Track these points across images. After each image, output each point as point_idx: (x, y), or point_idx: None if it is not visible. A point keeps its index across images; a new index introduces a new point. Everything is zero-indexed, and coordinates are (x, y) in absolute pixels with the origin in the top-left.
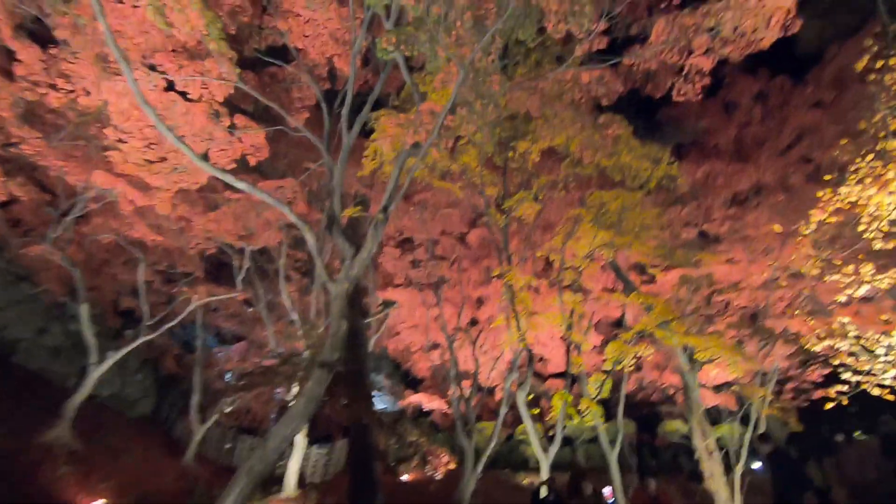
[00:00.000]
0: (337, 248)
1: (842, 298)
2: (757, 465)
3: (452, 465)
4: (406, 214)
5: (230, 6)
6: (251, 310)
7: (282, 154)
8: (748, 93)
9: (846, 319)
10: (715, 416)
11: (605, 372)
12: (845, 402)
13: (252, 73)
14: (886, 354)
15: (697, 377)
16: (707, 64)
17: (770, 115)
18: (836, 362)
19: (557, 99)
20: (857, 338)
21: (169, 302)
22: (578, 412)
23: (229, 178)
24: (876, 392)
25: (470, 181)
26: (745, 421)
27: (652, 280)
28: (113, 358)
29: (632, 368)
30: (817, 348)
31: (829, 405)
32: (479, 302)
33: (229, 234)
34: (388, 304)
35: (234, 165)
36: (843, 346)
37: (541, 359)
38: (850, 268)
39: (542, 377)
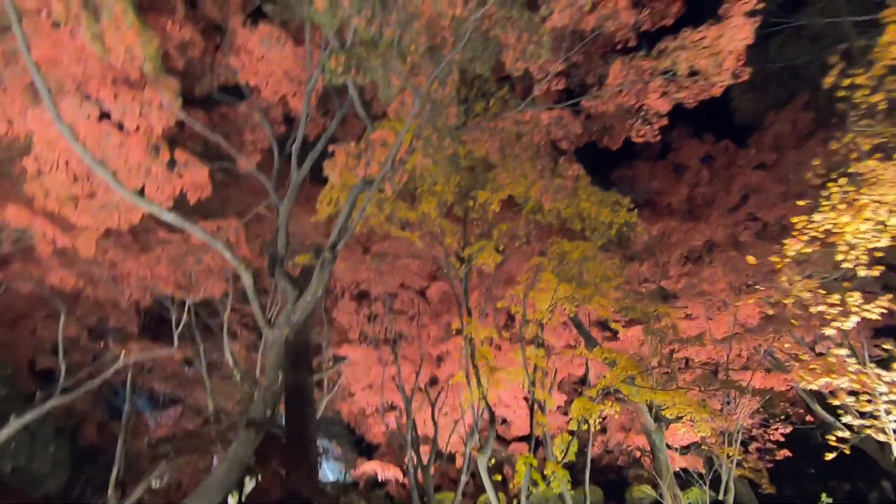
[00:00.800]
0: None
1: (830, 331)
2: None
3: None
4: (363, 265)
5: (180, 40)
6: (190, 369)
7: (231, 200)
8: (695, 155)
9: (844, 352)
10: (684, 480)
11: (571, 432)
12: (847, 450)
13: (203, 111)
14: (889, 392)
15: (664, 437)
16: (664, 106)
17: (717, 175)
18: (836, 403)
19: (517, 141)
20: (857, 373)
21: (95, 360)
22: (544, 477)
23: (157, 210)
24: (882, 438)
25: (429, 231)
26: (714, 485)
27: (614, 336)
28: (12, 426)
29: (597, 429)
30: (814, 386)
31: (831, 455)
32: (440, 360)
33: (166, 283)
34: (339, 359)
35: (170, 203)
36: (843, 383)
37: (503, 421)
38: (836, 297)
39: (505, 441)
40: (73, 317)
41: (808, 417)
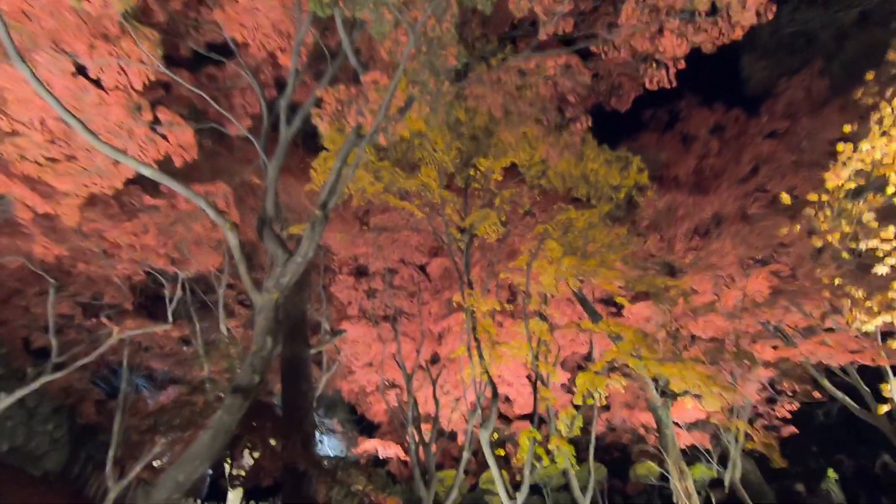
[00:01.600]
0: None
1: (883, 270)
2: None
3: None
4: (361, 239)
5: None
6: (189, 348)
7: (222, 168)
8: (705, 125)
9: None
10: (690, 457)
11: (576, 407)
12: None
13: (188, 73)
14: None
15: (671, 413)
16: (681, 48)
17: (727, 146)
18: None
19: (521, 96)
20: None
21: (92, 339)
22: (548, 453)
23: (135, 164)
24: None
25: (429, 202)
26: (721, 462)
27: (619, 313)
28: (4, 402)
29: (602, 405)
30: (870, 327)
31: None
32: (441, 337)
33: (157, 256)
34: (336, 332)
35: (154, 166)
36: None
37: (506, 399)
38: (890, 230)
39: (507, 419)
40: (66, 294)
41: (815, 394)
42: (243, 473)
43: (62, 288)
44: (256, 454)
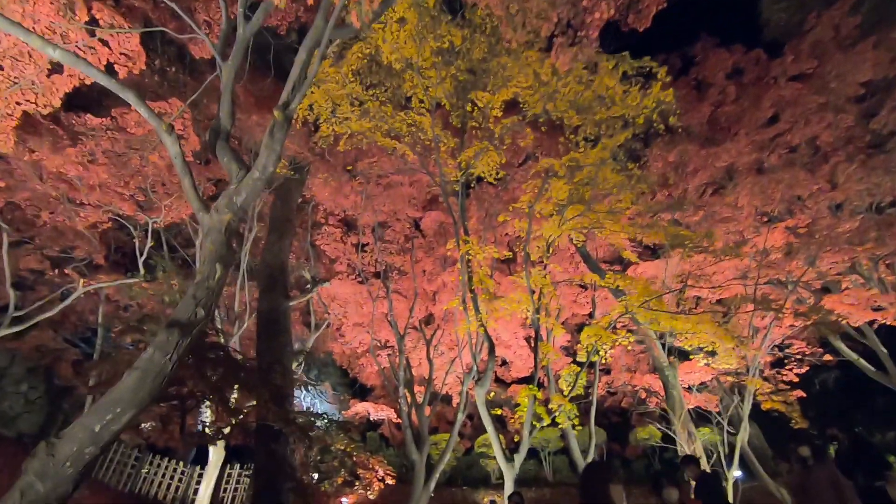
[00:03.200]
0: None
1: None
2: (737, 473)
3: (390, 481)
4: (348, 185)
5: None
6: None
7: (180, 93)
8: (722, 68)
9: None
10: (694, 420)
11: (579, 364)
12: None
13: None
14: None
15: (678, 373)
16: None
17: (745, 92)
18: None
19: None
20: None
21: (63, 295)
22: (549, 412)
23: (62, 56)
24: None
25: (422, 143)
26: (731, 424)
27: (623, 273)
28: None
29: (607, 362)
30: None
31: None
32: (435, 296)
33: (121, 199)
34: (317, 281)
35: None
36: None
37: (503, 362)
38: None
39: (504, 383)
40: (33, 246)
41: (827, 357)
42: (208, 431)
43: (26, 241)
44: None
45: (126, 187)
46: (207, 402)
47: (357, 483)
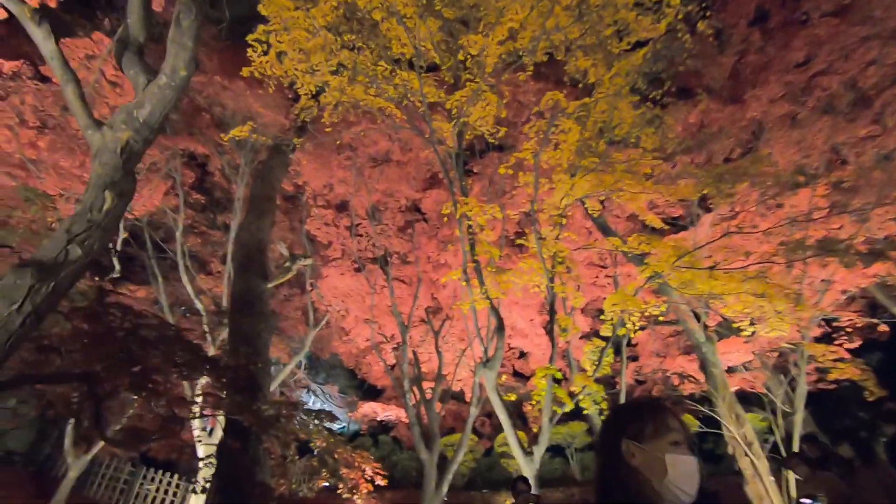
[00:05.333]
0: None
1: None
2: None
3: (381, 482)
4: (335, 160)
5: None
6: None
7: None
8: (744, 14)
9: None
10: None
11: (604, 339)
12: None
13: None
14: None
15: (717, 350)
16: None
17: (772, 37)
18: None
19: None
20: None
21: None
22: (571, 396)
23: None
24: None
25: (412, 104)
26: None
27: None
28: None
29: (635, 338)
30: None
31: None
32: (439, 284)
33: (80, 183)
34: (296, 256)
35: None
36: None
37: (521, 355)
38: None
39: (523, 377)
40: (10, 251)
41: (881, 327)
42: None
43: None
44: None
45: (83, 167)
46: (140, 393)
47: (340, 486)
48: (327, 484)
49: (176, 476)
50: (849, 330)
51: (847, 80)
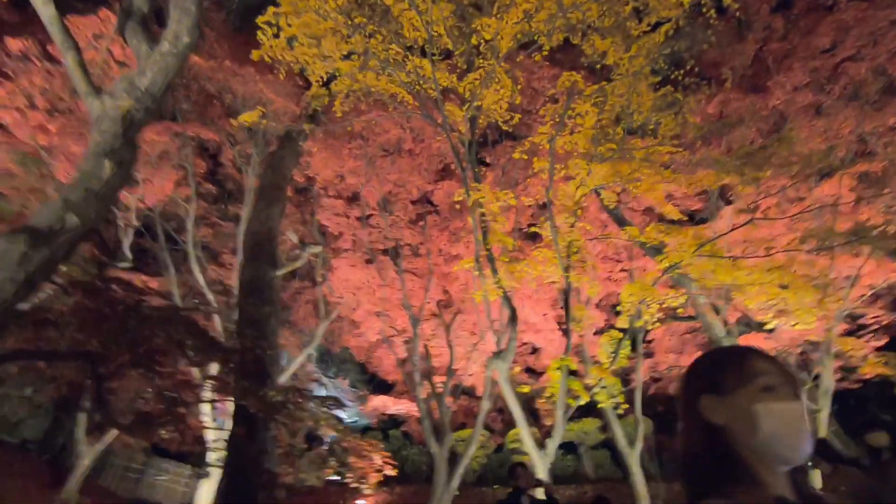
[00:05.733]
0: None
1: None
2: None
3: (391, 472)
4: (346, 148)
5: None
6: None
7: None
8: (767, 0)
9: None
10: None
11: (622, 331)
12: None
13: None
14: None
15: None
16: None
17: (795, 25)
18: None
19: None
20: None
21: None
22: (587, 389)
23: None
24: None
25: (424, 91)
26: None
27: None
28: None
29: (652, 331)
30: None
31: None
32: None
33: None
34: (305, 245)
35: None
36: None
37: (534, 350)
38: None
39: (536, 373)
40: None
41: None
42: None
43: None
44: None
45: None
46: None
47: (349, 475)
48: (338, 477)
49: (188, 466)
50: (875, 327)
51: (875, 67)
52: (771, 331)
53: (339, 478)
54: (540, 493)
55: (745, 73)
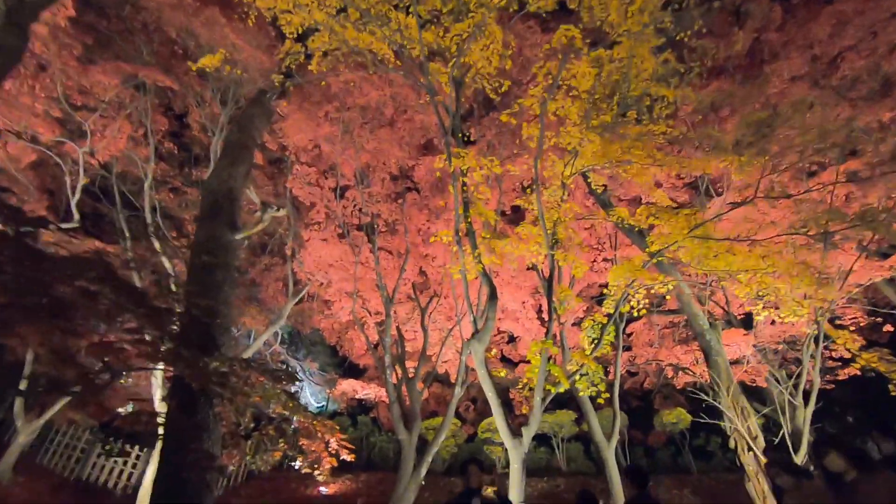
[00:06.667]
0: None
1: None
2: None
3: (348, 457)
4: (321, 111)
5: None
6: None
7: None
8: None
9: None
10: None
11: (607, 316)
12: None
13: None
14: None
15: (721, 338)
16: None
17: (793, 15)
18: None
19: None
20: None
21: None
22: (567, 375)
23: None
24: None
25: (406, 48)
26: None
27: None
28: None
29: (638, 317)
30: None
31: None
32: (429, 258)
33: (33, 116)
34: (267, 205)
35: None
36: None
37: (511, 339)
38: None
39: (512, 363)
40: None
41: (888, 327)
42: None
43: None
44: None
45: (32, 94)
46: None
47: (300, 459)
48: (297, 464)
49: (137, 447)
50: (852, 329)
51: (873, 62)
52: (750, 328)
53: (293, 463)
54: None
55: (738, 64)
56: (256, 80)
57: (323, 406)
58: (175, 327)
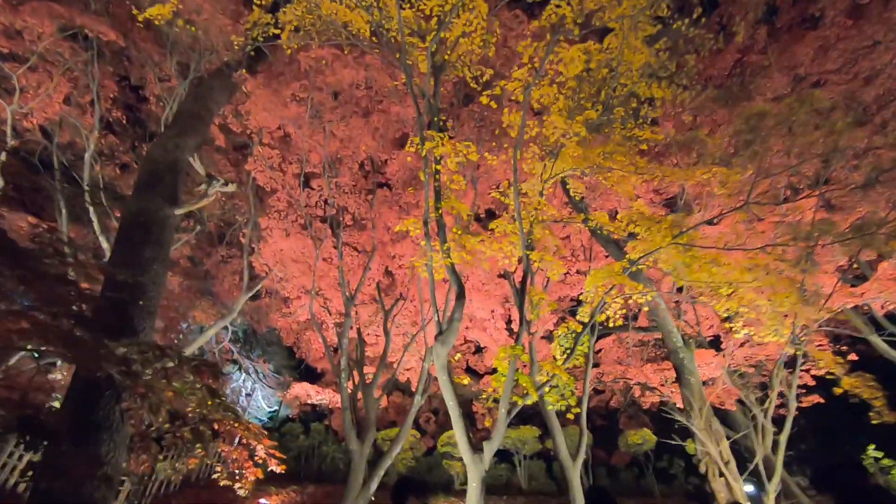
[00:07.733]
0: None
1: None
2: (749, 488)
3: (277, 468)
4: (288, 88)
5: None
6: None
7: None
8: (752, 8)
9: None
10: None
11: (582, 324)
12: None
13: None
14: None
15: (695, 358)
16: None
17: (777, 38)
18: None
19: None
20: None
21: None
22: (536, 386)
23: None
24: None
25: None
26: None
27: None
28: None
29: (619, 323)
30: None
31: None
32: (396, 258)
33: None
34: (212, 178)
35: None
36: None
37: (477, 349)
38: None
39: (477, 374)
40: None
41: (851, 356)
42: None
43: None
44: None
45: None
46: None
47: (219, 470)
48: (219, 472)
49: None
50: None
51: (854, 86)
52: (718, 349)
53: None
54: None
55: (721, 82)
56: (221, 52)
57: (275, 411)
58: (79, 306)
